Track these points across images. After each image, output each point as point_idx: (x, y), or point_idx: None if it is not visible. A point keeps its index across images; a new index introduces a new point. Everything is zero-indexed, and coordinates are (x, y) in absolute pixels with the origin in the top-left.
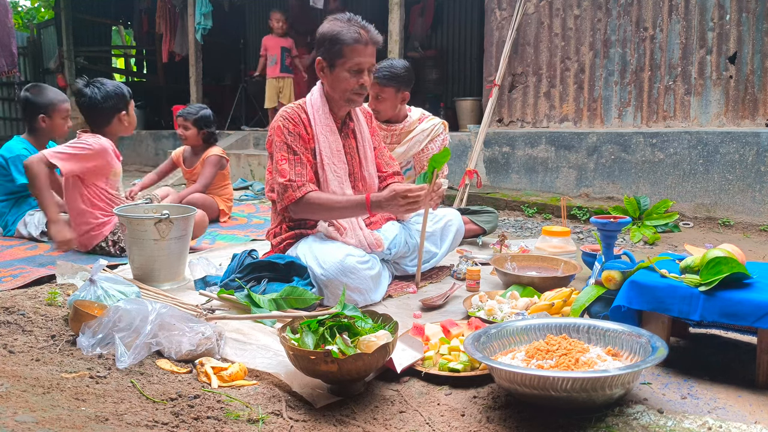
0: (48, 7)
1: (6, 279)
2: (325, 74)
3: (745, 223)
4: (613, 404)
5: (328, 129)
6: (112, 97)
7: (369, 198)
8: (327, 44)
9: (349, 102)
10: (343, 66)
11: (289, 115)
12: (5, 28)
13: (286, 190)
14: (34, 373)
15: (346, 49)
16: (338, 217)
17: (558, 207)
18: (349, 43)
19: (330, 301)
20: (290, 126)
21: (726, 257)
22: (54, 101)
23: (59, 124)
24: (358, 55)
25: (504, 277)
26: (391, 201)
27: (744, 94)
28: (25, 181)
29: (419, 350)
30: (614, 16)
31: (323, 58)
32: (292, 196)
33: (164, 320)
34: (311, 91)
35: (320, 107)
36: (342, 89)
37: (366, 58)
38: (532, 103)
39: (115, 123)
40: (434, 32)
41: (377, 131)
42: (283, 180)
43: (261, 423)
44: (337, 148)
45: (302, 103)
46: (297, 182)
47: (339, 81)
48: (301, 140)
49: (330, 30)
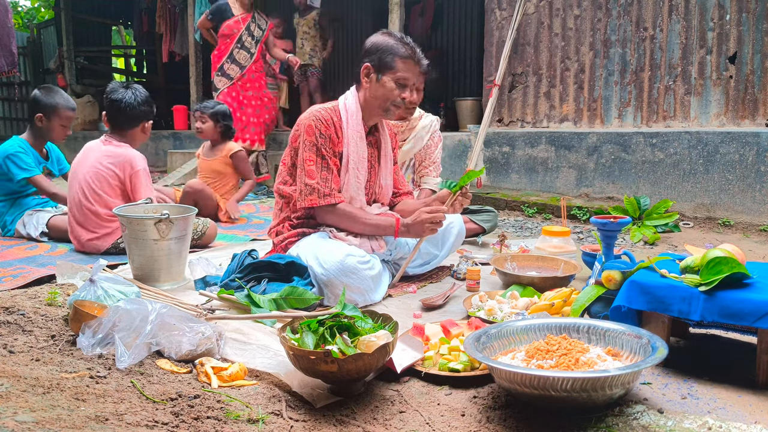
0: (48, 7)
1: (6, 279)
2: (370, 80)
3: (745, 223)
4: (614, 404)
5: (358, 135)
6: (146, 104)
7: (399, 222)
8: (380, 53)
9: (385, 112)
10: (392, 76)
11: (322, 116)
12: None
13: (311, 192)
14: (34, 373)
15: (398, 61)
16: (362, 232)
17: (558, 207)
18: (402, 56)
19: (330, 301)
20: (322, 128)
21: (726, 257)
22: (58, 104)
23: (56, 128)
24: (408, 69)
25: (504, 277)
26: (416, 221)
27: (744, 94)
28: (26, 175)
29: (419, 350)
30: (614, 16)
31: (373, 65)
32: (315, 201)
33: (164, 320)
34: (345, 95)
35: (354, 112)
36: (383, 98)
37: (414, 75)
38: (532, 103)
39: (139, 129)
40: (434, 32)
41: (398, 147)
42: (311, 182)
43: (261, 423)
44: (362, 156)
45: (335, 106)
46: (324, 189)
47: (384, 90)
48: (331, 143)
49: (384, 41)
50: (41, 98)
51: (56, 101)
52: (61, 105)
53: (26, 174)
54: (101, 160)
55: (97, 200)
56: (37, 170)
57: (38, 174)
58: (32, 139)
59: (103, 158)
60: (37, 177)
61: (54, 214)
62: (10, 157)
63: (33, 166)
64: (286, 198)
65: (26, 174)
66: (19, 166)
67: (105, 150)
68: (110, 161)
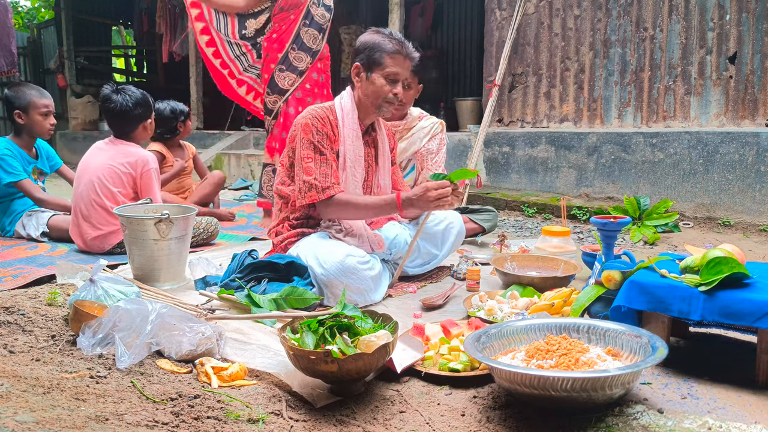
0: (48, 7)
1: (6, 279)
2: (360, 79)
3: (745, 223)
4: (613, 404)
5: (354, 134)
6: (141, 105)
7: (400, 196)
8: (368, 51)
9: (378, 109)
10: (380, 72)
11: (318, 114)
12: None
13: (310, 189)
14: (34, 373)
15: (386, 57)
16: (366, 217)
17: (558, 207)
18: (390, 52)
19: (330, 301)
20: (319, 125)
21: (726, 257)
22: (31, 97)
23: (37, 121)
24: (396, 64)
25: (504, 277)
26: (422, 196)
27: (744, 94)
28: (12, 180)
29: (419, 350)
30: (614, 16)
31: (362, 63)
32: (315, 197)
33: (164, 320)
34: (341, 95)
35: (350, 111)
36: (375, 95)
37: (403, 70)
38: (532, 103)
39: (139, 130)
40: (434, 32)
41: (396, 147)
42: (309, 178)
43: (261, 423)
44: (359, 154)
45: (330, 106)
46: (322, 184)
47: (374, 87)
48: (328, 140)
49: (372, 39)
50: (13, 96)
51: (28, 94)
52: (34, 95)
53: (12, 178)
54: (115, 158)
55: (107, 195)
56: (23, 175)
57: (25, 179)
58: (19, 140)
59: (118, 156)
60: (23, 182)
61: (54, 214)
62: None
63: (20, 171)
64: (285, 198)
65: (12, 178)
66: (5, 170)
67: (118, 149)
68: (125, 159)
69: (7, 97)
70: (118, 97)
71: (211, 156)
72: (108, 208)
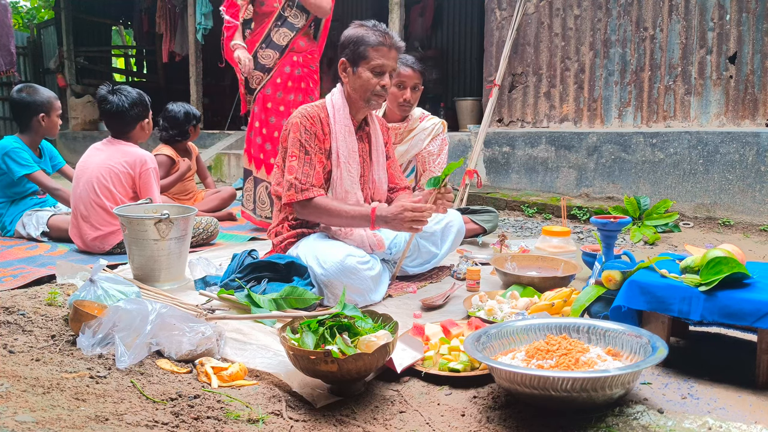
0: (48, 7)
1: (6, 279)
2: (347, 74)
3: (745, 223)
4: (614, 404)
5: (346, 129)
6: (138, 104)
7: (374, 212)
8: (352, 46)
9: (368, 103)
10: (366, 66)
11: (308, 113)
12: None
13: (289, 188)
14: (34, 373)
15: (370, 50)
16: (340, 225)
17: (558, 207)
18: (373, 45)
19: (330, 301)
20: (308, 124)
21: (726, 257)
22: (51, 99)
23: (56, 122)
24: (381, 56)
25: (504, 277)
26: (398, 215)
27: (744, 94)
28: (26, 172)
29: (419, 350)
30: (614, 16)
31: (347, 59)
32: (293, 197)
33: (164, 320)
34: (332, 91)
35: (341, 107)
36: (363, 89)
37: (389, 61)
38: (532, 103)
39: (137, 130)
40: (434, 32)
41: (391, 141)
42: (290, 177)
43: (261, 423)
44: (353, 149)
45: (322, 103)
46: (303, 184)
47: (361, 81)
48: (317, 139)
49: (355, 33)
50: (33, 98)
51: (47, 96)
52: (53, 98)
53: (26, 171)
54: (114, 158)
55: (106, 195)
56: (36, 167)
57: (38, 170)
58: (28, 139)
59: (116, 156)
60: (36, 173)
61: (54, 213)
62: (8, 154)
63: (32, 163)
64: (278, 200)
65: (26, 171)
66: (18, 163)
67: (116, 149)
68: (124, 159)
69: (24, 100)
70: (114, 97)
71: (211, 156)
72: (107, 208)
